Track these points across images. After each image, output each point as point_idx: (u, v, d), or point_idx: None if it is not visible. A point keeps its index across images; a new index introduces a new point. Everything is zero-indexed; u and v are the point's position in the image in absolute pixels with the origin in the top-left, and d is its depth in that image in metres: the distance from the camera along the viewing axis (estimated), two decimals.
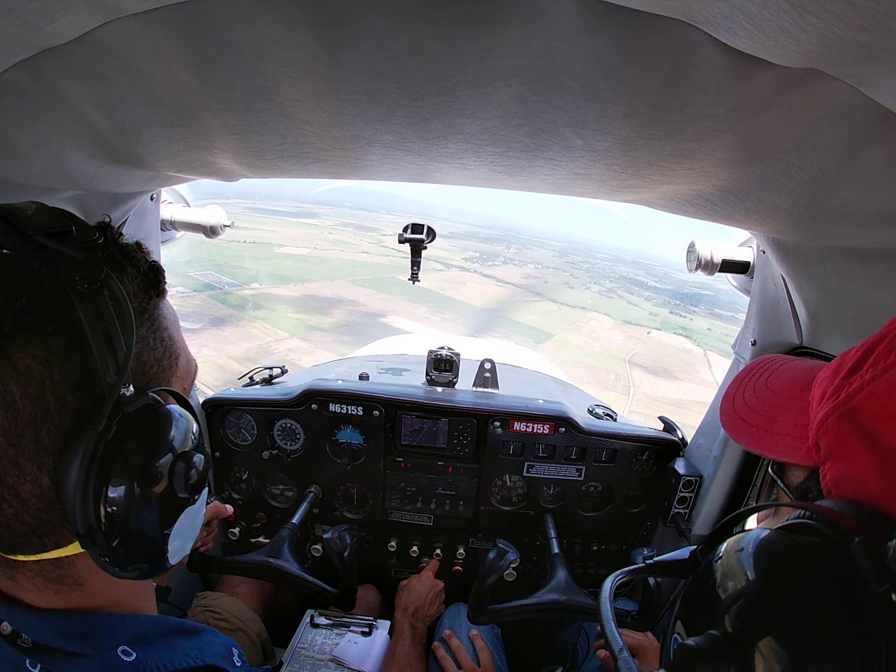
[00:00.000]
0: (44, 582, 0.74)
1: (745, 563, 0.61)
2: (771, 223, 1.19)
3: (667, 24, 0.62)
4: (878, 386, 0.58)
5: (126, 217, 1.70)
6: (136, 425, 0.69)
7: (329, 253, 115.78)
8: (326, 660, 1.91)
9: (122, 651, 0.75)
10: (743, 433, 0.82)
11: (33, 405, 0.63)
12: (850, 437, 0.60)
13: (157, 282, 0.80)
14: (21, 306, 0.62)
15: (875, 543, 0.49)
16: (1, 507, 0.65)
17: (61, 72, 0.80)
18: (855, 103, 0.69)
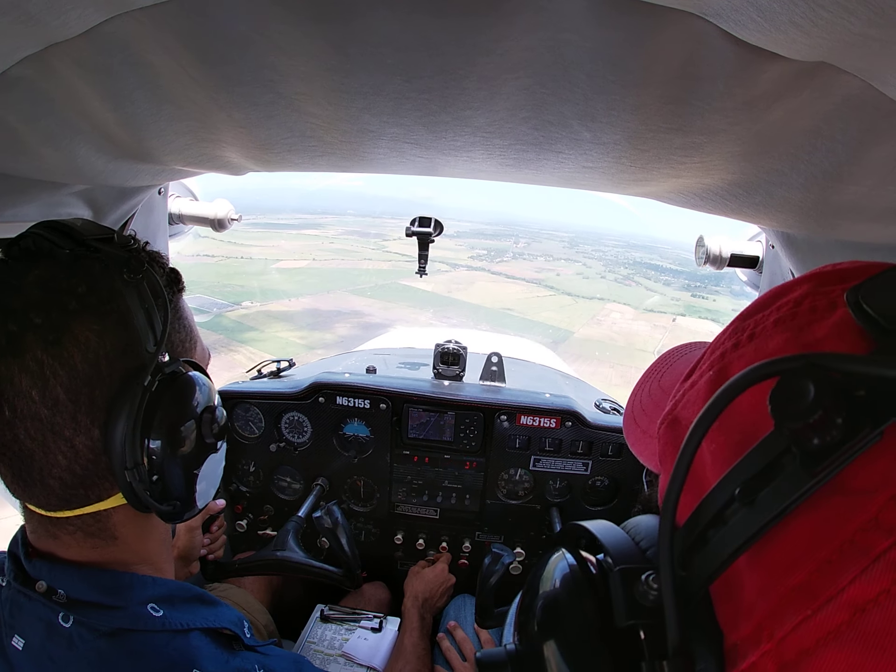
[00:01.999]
0: (84, 536, 0.86)
1: (539, 581, 0.61)
2: (780, 218, 1.19)
3: (676, 16, 0.62)
4: (693, 394, 0.56)
5: (134, 211, 1.71)
6: (172, 383, 0.86)
7: (328, 263, 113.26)
8: (336, 655, 1.91)
9: (150, 607, 0.86)
10: (630, 435, 0.80)
11: (90, 368, 0.78)
12: (670, 447, 0.58)
13: (178, 280, 0.99)
14: (81, 291, 0.78)
15: (636, 575, 0.48)
16: (56, 457, 0.79)
17: (68, 66, 0.80)
18: (866, 97, 0.69)
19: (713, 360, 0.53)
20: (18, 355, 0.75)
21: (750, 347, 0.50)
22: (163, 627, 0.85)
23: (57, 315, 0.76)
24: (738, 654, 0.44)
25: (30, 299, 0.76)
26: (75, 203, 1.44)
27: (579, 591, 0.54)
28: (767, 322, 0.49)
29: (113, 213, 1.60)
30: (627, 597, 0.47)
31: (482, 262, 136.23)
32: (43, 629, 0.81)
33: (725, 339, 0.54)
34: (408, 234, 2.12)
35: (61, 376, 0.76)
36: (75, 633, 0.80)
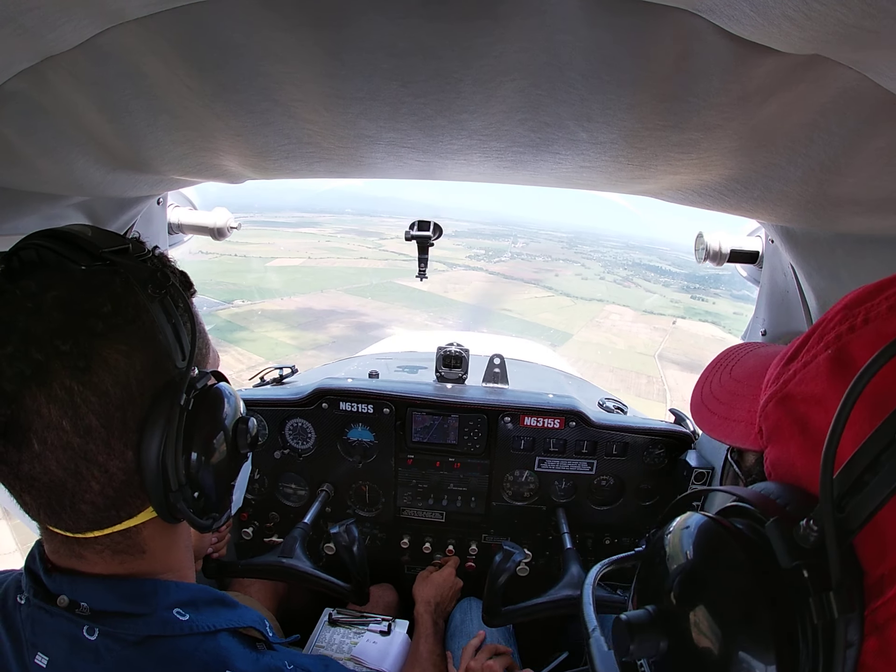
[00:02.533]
0: (112, 553, 0.84)
1: (676, 545, 0.65)
2: (779, 212, 1.19)
3: (669, 13, 0.62)
4: (808, 372, 0.59)
5: (133, 221, 1.71)
6: (206, 398, 0.85)
7: (324, 262, 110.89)
8: (345, 659, 1.91)
9: (176, 612, 0.85)
10: (706, 422, 0.84)
11: (122, 391, 0.75)
12: (784, 421, 0.62)
13: (189, 284, 0.94)
14: (106, 311, 0.74)
15: (789, 523, 0.51)
16: (90, 483, 0.75)
17: (64, 79, 0.80)
18: (861, 89, 0.69)
19: (827, 341, 0.57)
20: (45, 385, 0.70)
21: (867, 329, 0.54)
22: (191, 631, 0.84)
23: (85, 339, 0.72)
24: (884, 584, 0.48)
25: (52, 324, 0.71)
26: (74, 215, 1.44)
27: (729, 542, 0.57)
28: (881, 308, 0.53)
29: (112, 223, 1.60)
30: (789, 541, 0.50)
31: (480, 261, 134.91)
32: (67, 644, 0.79)
33: (835, 324, 0.57)
34: (407, 238, 2.12)
35: (93, 403, 0.72)
36: (101, 645, 0.79)
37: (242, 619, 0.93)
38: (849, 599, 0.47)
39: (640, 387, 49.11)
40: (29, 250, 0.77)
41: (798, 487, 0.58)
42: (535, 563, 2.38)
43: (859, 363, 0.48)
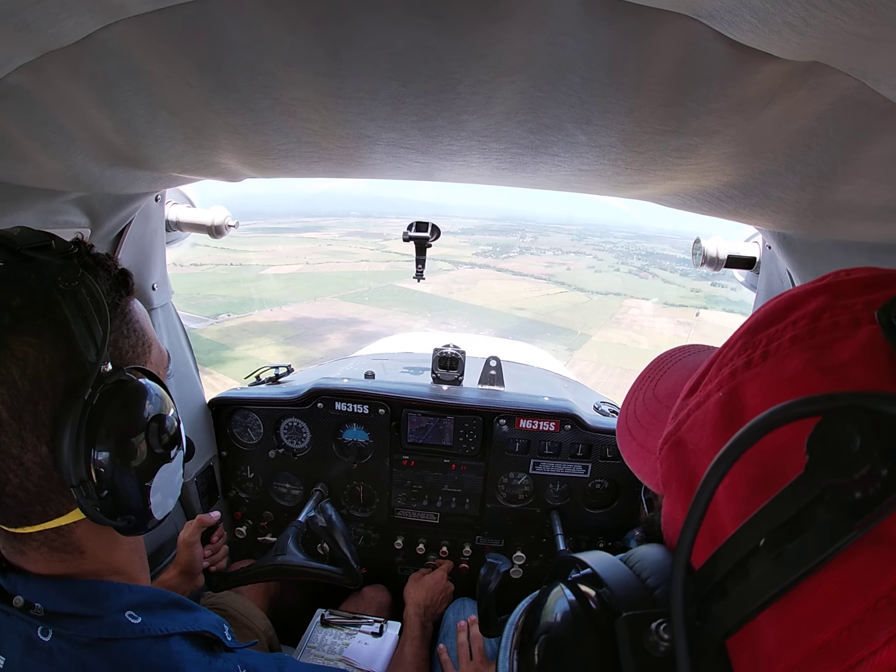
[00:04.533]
0: (49, 551, 0.84)
1: (540, 617, 0.57)
2: (776, 218, 1.19)
3: (670, 18, 0.62)
4: (699, 416, 0.51)
5: (131, 218, 1.71)
6: (115, 394, 0.82)
7: (322, 267, 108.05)
8: (336, 660, 1.90)
9: (128, 615, 0.85)
10: (625, 447, 0.73)
11: (30, 384, 0.75)
12: (675, 471, 0.54)
13: (126, 283, 0.94)
14: (16, 305, 0.75)
15: (643, 622, 0.44)
16: (7, 476, 0.77)
17: (65, 74, 0.80)
18: (860, 97, 0.69)
19: (721, 378, 0.49)
20: None
21: (765, 367, 0.46)
22: (142, 634, 0.84)
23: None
24: None
25: None
26: (72, 211, 1.44)
27: (581, 634, 0.49)
28: (783, 339, 0.45)
29: (110, 220, 1.60)
30: (636, 646, 0.43)
31: (487, 258, 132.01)
32: (22, 645, 0.79)
33: (734, 355, 0.50)
34: (405, 240, 2.12)
35: (2, 394, 0.74)
36: (55, 647, 0.79)
37: (198, 622, 0.93)
38: None
39: None
40: None
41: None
42: (529, 565, 2.38)
43: (749, 411, 0.42)
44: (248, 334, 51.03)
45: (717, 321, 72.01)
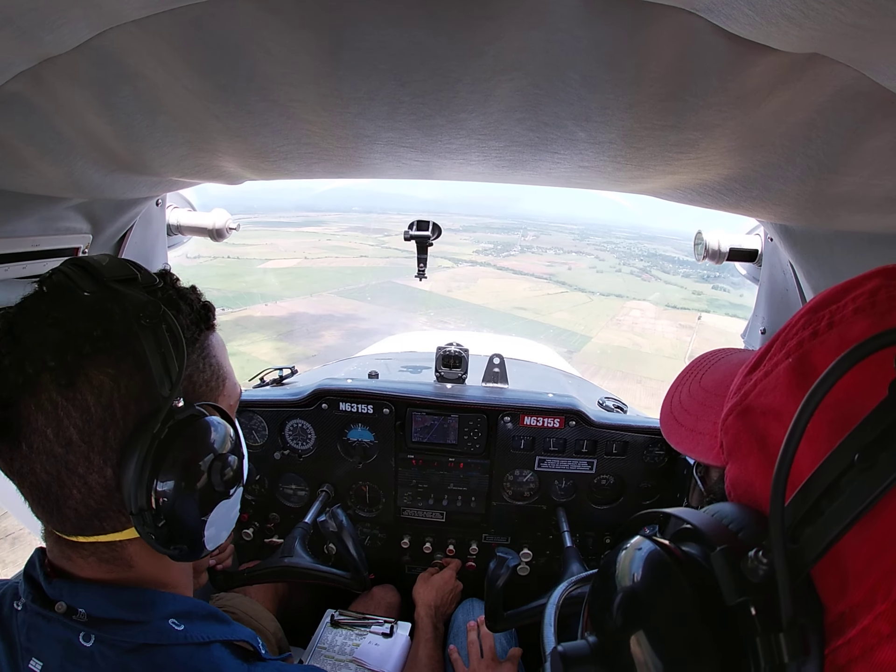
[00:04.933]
0: (98, 561, 0.87)
1: (623, 572, 0.60)
2: (778, 210, 1.19)
3: (667, 12, 0.62)
4: (768, 382, 0.57)
5: (132, 223, 1.71)
6: (183, 430, 0.84)
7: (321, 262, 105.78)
8: (347, 661, 1.90)
9: (172, 622, 0.87)
10: (673, 434, 0.80)
11: (103, 411, 0.78)
12: (744, 436, 0.59)
13: (208, 318, 0.98)
14: (97, 335, 0.79)
15: (738, 553, 0.47)
16: (71, 491, 0.80)
17: (63, 81, 0.80)
18: (859, 87, 0.69)
19: (789, 349, 0.55)
20: (34, 395, 0.77)
21: (831, 334, 0.51)
22: (185, 641, 0.87)
23: (72, 358, 0.77)
24: (845, 621, 0.44)
25: (47, 341, 0.78)
26: (74, 217, 1.44)
27: (674, 573, 0.53)
28: (846, 311, 0.51)
29: (111, 225, 1.60)
30: (735, 573, 0.46)
31: (488, 256, 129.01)
32: (62, 650, 0.81)
33: (798, 329, 0.55)
34: (406, 238, 2.12)
35: (74, 418, 0.77)
36: (97, 652, 0.81)
37: (235, 633, 0.96)
38: (802, 641, 0.44)
39: None
40: (57, 274, 0.84)
41: (755, 511, 0.54)
42: (536, 562, 2.38)
43: (820, 372, 0.45)
44: (241, 329, 50.27)
45: (719, 325, 70.57)
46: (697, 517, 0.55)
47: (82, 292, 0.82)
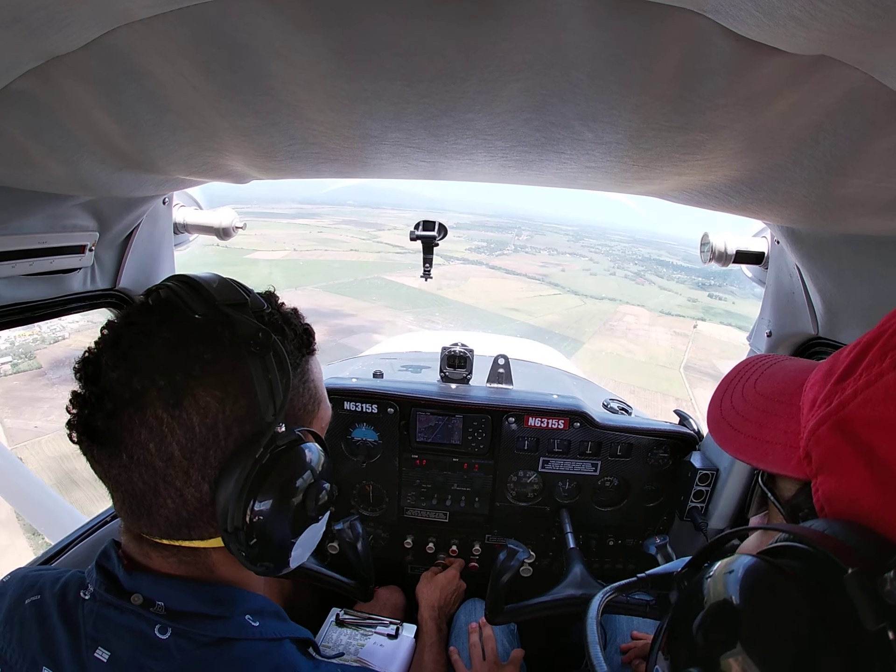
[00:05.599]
0: (178, 562, 0.90)
1: (728, 596, 0.55)
2: (785, 213, 1.18)
3: (674, 13, 0.62)
4: (874, 392, 0.53)
5: (139, 221, 1.72)
6: (284, 455, 0.86)
7: (309, 254, 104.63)
8: (351, 661, 1.89)
9: (248, 618, 0.90)
10: (731, 441, 0.76)
11: (207, 431, 0.80)
12: (843, 448, 0.55)
13: (309, 343, 0.99)
14: (207, 358, 0.80)
15: (870, 574, 0.44)
16: (165, 501, 0.82)
17: (71, 79, 0.80)
18: (867, 90, 0.68)
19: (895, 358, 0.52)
20: (140, 409, 0.78)
21: None
22: (261, 636, 0.89)
23: (181, 379, 0.79)
24: None
25: (157, 359, 0.79)
26: (81, 215, 1.45)
27: (802, 598, 0.49)
28: None
29: (118, 223, 1.60)
30: (874, 597, 0.43)
31: (480, 254, 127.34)
32: (135, 641, 0.82)
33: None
34: (412, 238, 2.12)
35: (178, 435, 0.79)
36: (173, 644, 0.82)
37: (299, 631, 0.99)
38: None
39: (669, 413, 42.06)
40: (164, 290, 0.85)
41: (870, 530, 0.50)
42: (539, 563, 2.38)
43: None
44: None
45: (716, 334, 68.48)
46: (810, 534, 0.52)
47: (193, 314, 0.83)
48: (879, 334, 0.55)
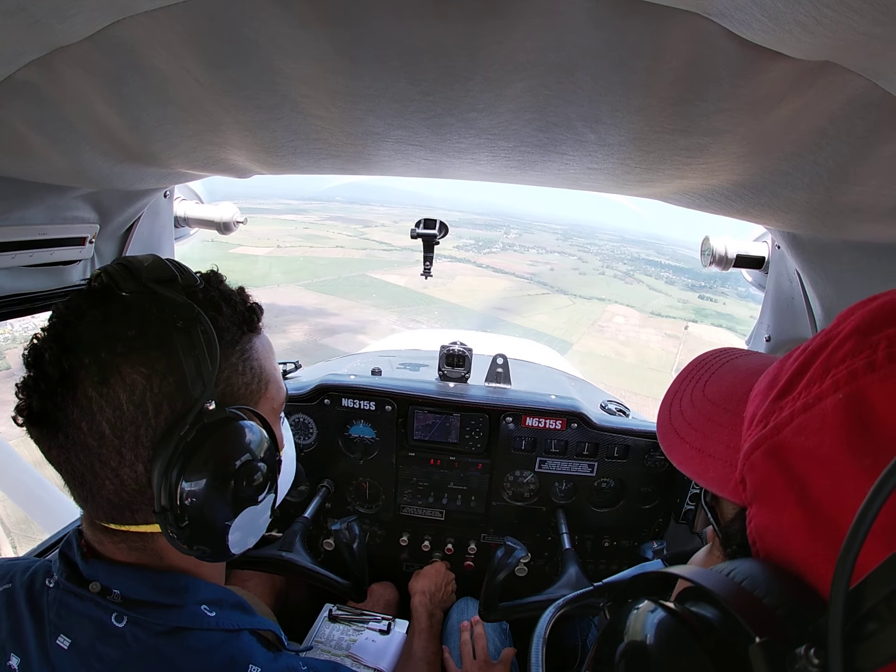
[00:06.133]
0: (128, 549, 0.90)
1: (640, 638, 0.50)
2: (786, 218, 1.18)
3: (680, 16, 0.62)
4: (810, 419, 0.47)
5: (140, 214, 1.72)
6: (212, 433, 0.84)
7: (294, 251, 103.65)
8: (343, 655, 1.90)
9: (204, 608, 0.90)
10: (675, 451, 0.68)
11: (135, 409, 0.80)
12: (776, 479, 0.49)
13: (251, 320, 0.97)
14: (132, 335, 0.81)
15: (780, 645, 0.39)
16: (104, 482, 0.82)
17: (74, 70, 0.80)
18: (871, 97, 0.69)
19: (837, 380, 0.45)
20: (71, 389, 0.79)
21: (894, 369, 0.42)
22: (217, 626, 0.89)
23: (106, 356, 0.79)
24: None
25: (83, 338, 0.80)
26: (82, 206, 1.44)
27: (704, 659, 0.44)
28: None
29: (119, 216, 1.60)
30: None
31: (468, 252, 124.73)
32: (93, 628, 0.83)
33: (845, 356, 0.46)
34: (413, 237, 2.12)
35: (107, 413, 0.79)
36: (129, 633, 0.83)
37: (261, 623, 0.99)
38: None
39: None
40: (104, 273, 0.85)
41: (793, 579, 0.45)
42: (534, 563, 2.38)
43: (883, 417, 0.39)
44: None
45: (707, 336, 65.77)
46: (725, 586, 0.46)
47: (120, 292, 0.83)
48: (826, 342, 0.49)
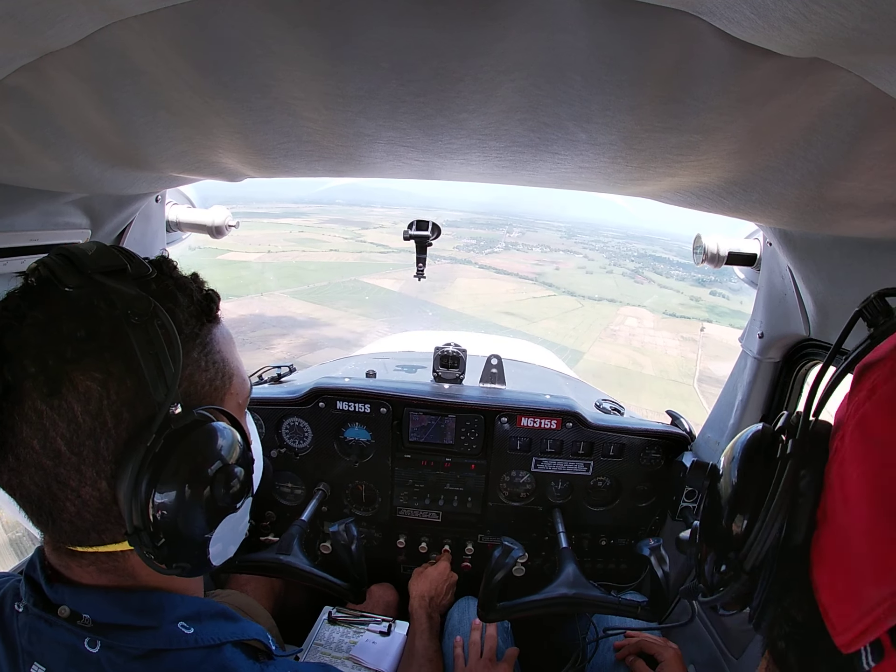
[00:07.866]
0: (97, 571, 0.82)
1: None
2: (777, 215, 1.19)
3: (670, 14, 0.62)
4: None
5: (132, 219, 1.71)
6: (182, 440, 0.76)
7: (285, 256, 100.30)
8: (343, 658, 1.90)
9: (181, 625, 0.83)
10: None
11: (92, 420, 0.72)
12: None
13: (210, 310, 0.89)
14: (81, 337, 0.71)
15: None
16: (64, 504, 0.74)
17: (64, 75, 0.80)
18: (860, 93, 0.69)
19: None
20: (18, 403, 0.70)
21: None
22: (196, 644, 0.82)
23: (54, 363, 0.70)
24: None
25: (26, 344, 0.71)
26: (73, 212, 1.44)
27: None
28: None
29: (110, 221, 1.60)
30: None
31: (469, 252, 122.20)
32: (67, 655, 0.77)
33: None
34: (405, 238, 2.12)
35: (61, 428, 0.71)
36: (104, 658, 0.76)
37: (245, 631, 0.92)
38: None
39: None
40: (43, 267, 0.75)
41: None
42: (531, 563, 2.38)
43: None
44: None
45: (725, 338, 62.22)
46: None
47: (64, 287, 0.74)
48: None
